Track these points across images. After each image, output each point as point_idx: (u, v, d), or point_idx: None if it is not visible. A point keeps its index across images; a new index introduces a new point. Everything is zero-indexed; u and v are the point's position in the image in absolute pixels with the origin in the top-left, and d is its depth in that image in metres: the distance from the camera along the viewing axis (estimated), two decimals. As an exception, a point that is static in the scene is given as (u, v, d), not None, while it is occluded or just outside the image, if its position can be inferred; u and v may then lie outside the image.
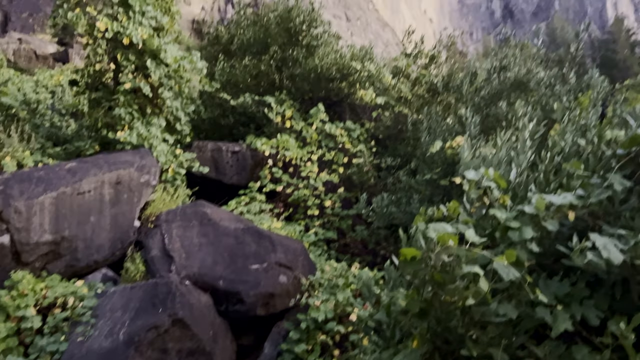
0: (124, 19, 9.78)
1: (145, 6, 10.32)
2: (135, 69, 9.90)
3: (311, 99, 14.21)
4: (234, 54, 16.06)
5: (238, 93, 13.97)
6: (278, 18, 14.83)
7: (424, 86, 12.19)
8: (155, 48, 9.83)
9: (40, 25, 56.94)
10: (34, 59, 35.30)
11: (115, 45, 9.77)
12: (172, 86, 10.37)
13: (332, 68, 13.46)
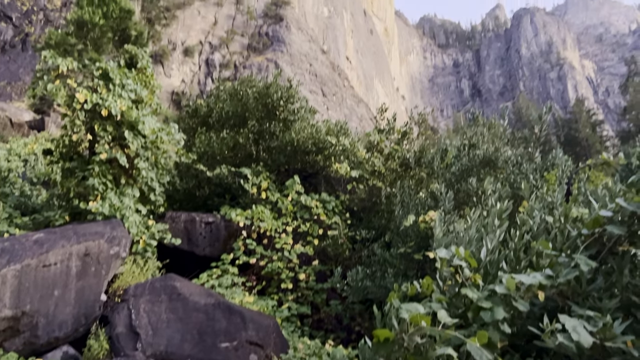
0: (103, 91, 9.95)
1: (125, 79, 10.55)
2: (112, 140, 9.94)
3: (287, 171, 14.38)
4: (212, 126, 16.33)
5: (215, 165, 14.06)
6: (256, 94, 15.30)
7: (397, 161, 12.51)
8: (134, 120, 9.95)
9: (18, 93, 57.33)
10: (9, 126, 35.18)
11: (93, 116, 9.86)
12: (148, 157, 10.40)
13: (308, 141, 13.77)
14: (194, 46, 75.81)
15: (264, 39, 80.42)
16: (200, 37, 78.07)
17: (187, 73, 73.50)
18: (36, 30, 64.81)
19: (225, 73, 73.13)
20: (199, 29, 78.92)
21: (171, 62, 72.12)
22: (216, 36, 79.06)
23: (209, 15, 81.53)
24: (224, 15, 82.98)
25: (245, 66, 73.93)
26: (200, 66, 74.96)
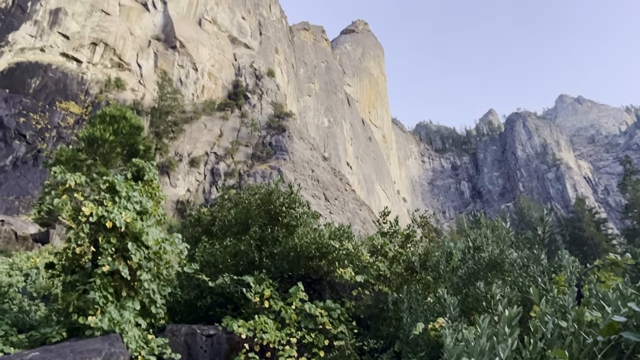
0: (109, 204, 10.13)
1: (131, 192, 10.79)
2: (115, 252, 9.92)
3: (290, 278, 14.13)
4: (215, 234, 16.37)
5: (217, 274, 13.87)
6: (259, 200, 15.52)
7: (402, 264, 12.35)
8: (138, 231, 10.01)
9: (26, 207, 58.29)
10: (14, 239, 35.36)
11: (97, 228, 9.94)
12: (151, 268, 10.30)
13: (311, 246, 13.69)
14: (199, 157, 78.45)
15: (268, 148, 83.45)
16: (206, 148, 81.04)
17: (193, 182, 75.23)
18: (48, 147, 67.55)
19: (230, 181, 74.85)
20: (205, 141, 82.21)
21: (177, 173, 74.15)
22: (221, 147, 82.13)
23: (214, 128, 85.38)
24: (229, 127, 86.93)
25: (249, 174, 75.88)
26: (205, 175, 76.96)
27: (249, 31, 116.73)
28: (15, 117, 68.09)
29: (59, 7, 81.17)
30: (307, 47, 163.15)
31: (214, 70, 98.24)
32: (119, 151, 13.73)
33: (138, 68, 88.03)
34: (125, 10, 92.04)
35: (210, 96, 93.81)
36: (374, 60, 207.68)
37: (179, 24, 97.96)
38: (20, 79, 72.84)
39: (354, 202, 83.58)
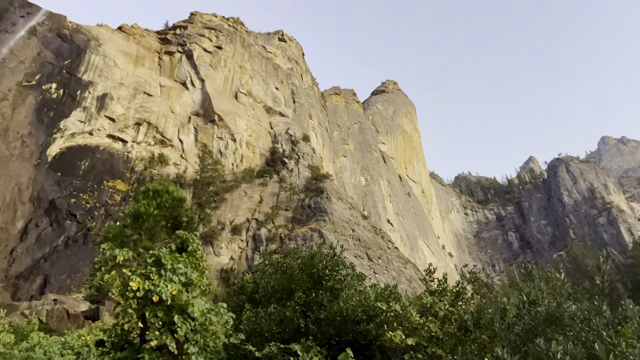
0: (155, 277, 10.28)
1: (176, 264, 10.94)
2: (163, 325, 9.94)
3: (338, 344, 13.70)
4: (259, 302, 16.21)
5: (263, 343, 13.61)
6: (301, 264, 15.39)
7: (454, 324, 11.80)
8: (184, 303, 10.05)
9: (77, 285, 59.85)
10: (66, 318, 36.07)
11: (144, 302, 10.04)
12: (197, 340, 10.23)
13: (357, 310, 13.32)
14: (241, 224, 79.48)
15: (307, 210, 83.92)
16: (247, 215, 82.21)
17: (236, 250, 75.83)
18: (97, 225, 70.12)
19: (272, 246, 75.07)
20: (246, 208, 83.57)
21: (220, 242, 75.09)
22: (262, 213, 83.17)
23: (255, 195, 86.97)
24: (268, 193, 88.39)
25: (290, 238, 76.01)
26: (247, 242, 77.56)
27: (282, 100, 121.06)
28: (67, 199, 71.50)
29: (106, 92, 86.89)
30: (339, 110, 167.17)
31: (252, 140, 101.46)
32: (163, 224, 14.08)
33: (180, 143, 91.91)
34: (166, 91, 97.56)
35: (249, 164, 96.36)
36: (406, 117, 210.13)
37: (217, 98, 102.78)
38: (71, 162, 77.13)
39: (398, 260, 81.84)
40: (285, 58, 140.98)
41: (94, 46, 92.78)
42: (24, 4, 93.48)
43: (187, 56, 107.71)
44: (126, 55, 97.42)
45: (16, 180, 69.92)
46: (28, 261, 62.98)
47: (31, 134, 75.94)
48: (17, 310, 41.15)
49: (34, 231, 66.54)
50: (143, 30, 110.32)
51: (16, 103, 77.58)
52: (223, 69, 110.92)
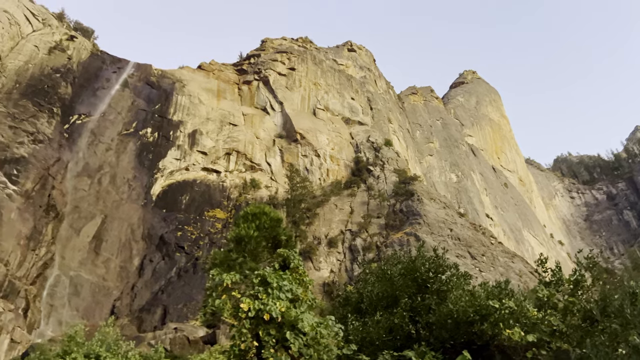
0: (264, 296, 10.64)
1: (281, 281, 11.25)
2: (276, 343, 10.23)
3: (453, 347, 13.27)
4: (365, 311, 16.20)
5: (375, 352, 13.53)
6: (402, 270, 15.20)
7: (577, 315, 10.97)
8: (293, 319, 10.29)
9: (192, 312, 63.53)
10: (187, 344, 38.42)
11: (257, 322, 10.41)
12: (311, 355, 10.40)
13: (468, 310, 12.86)
14: (336, 237, 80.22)
15: (399, 215, 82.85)
16: (341, 227, 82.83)
17: (334, 263, 76.55)
18: (203, 253, 74.21)
19: (369, 255, 74.85)
20: (339, 220, 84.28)
21: (319, 256, 76.24)
22: (354, 223, 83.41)
23: (345, 206, 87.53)
24: (358, 203, 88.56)
25: (386, 245, 75.35)
26: (344, 254, 78.02)
27: (360, 109, 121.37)
28: (174, 233, 76.55)
29: (195, 129, 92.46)
30: (418, 109, 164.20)
31: (335, 153, 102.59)
32: (264, 245, 14.59)
33: (268, 166, 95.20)
34: (249, 119, 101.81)
35: (335, 177, 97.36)
36: (490, 105, 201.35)
37: (296, 118, 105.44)
38: (173, 198, 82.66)
39: (503, 255, 77.96)
40: (357, 67, 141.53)
41: (179, 88, 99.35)
42: (114, 60, 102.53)
43: (263, 82, 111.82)
44: (209, 91, 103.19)
45: (128, 222, 76.14)
46: (147, 295, 68.00)
47: (135, 177, 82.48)
48: (144, 341, 44.55)
49: (149, 266, 71.84)
50: (220, 65, 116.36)
51: (119, 151, 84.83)
52: (299, 89, 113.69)
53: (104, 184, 79.19)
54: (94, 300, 65.48)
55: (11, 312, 56.16)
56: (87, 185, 77.87)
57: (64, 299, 63.97)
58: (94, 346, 19.60)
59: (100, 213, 74.94)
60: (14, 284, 59.83)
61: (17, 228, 64.06)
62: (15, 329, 54.78)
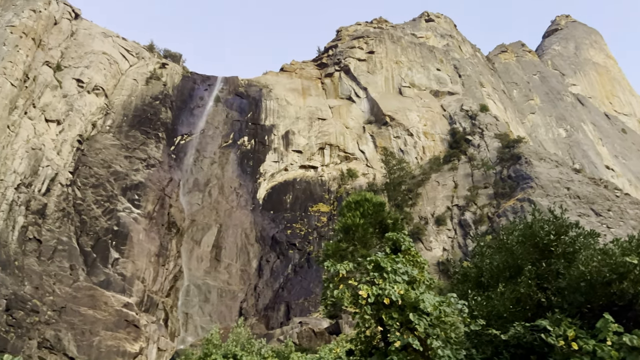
0: (380, 281, 10.64)
1: (395, 265, 11.17)
2: (401, 326, 10.20)
3: (591, 310, 12.35)
4: (486, 285, 15.61)
5: (504, 324, 12.98)
6: (520, 237, 14.41)
7: None
8: (414, 300, 10.18)
9: (313, 305, 65.62)
10: (313, 337, 39.77)
11: (378, 307, 10.45)
12: (438, 334, 10.22)
13: (603, 270, 11.88)
14: (443, 214, 78.23)
15: (508, 182, 78.72)
16: (447, 204, 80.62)
17: (446, 240, 74.78)
18: (314, 247, 76.25)
19: (481, 228, 72.06)
20: (443, 197, 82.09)
21: (428, 236, 74.91)
22: (460, 197, 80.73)
23: (447, 182, 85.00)
24: (461, 176, 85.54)
25: (498, 215, 72.04)
26: (455, 230, 75.88)
27: (447, 79, 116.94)
28: (284, 232, 79.53)
29: (287, 129, 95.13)
30: (511, 67, 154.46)
31: (428, 128, 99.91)
32: (371, 231, 14.62)
33: (362, 154, 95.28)
34: (336, 110, 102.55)
35: (433, 153, 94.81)
36: (592, 48, 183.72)
37: (383, 101, 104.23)
38: (277, 199, 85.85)
39: (633, 206, 71.04)
40: (438, 36, 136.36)
41: (266, 93, 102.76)
42: (204, 79, 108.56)
43: (344, 72, 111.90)
44: (294, 91, 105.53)
45: (241, 227, 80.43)
46: (269, 294, 71.42)
47: (241, 185, 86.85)
48: (273, 338, 46.90)
49: (267, 266, 75.36)
50: (301, 64, 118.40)
51: (222, 163, 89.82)
52: (380, 71, 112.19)
53: (214, 196, 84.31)
54: (222, 304, 70.15)
55: (154, 324, 61.97)
56: (200, 199, 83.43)
57: (196, 306, 69.28)
58: (230, 347, 20.98)
59: (215, 223, 79.98)
60: (152, 298, 65.90)
61: (146, 247, 70.42)
62: (160, 338, 60.37)
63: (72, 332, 54.00)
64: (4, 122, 67.78)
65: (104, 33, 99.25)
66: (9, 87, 69.82)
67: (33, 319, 50.72)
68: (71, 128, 78.18)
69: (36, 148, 70.98)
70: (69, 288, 59.57)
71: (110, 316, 58.02)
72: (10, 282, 53.03)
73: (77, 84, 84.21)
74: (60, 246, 64.16)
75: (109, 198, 73.62)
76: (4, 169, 65.79)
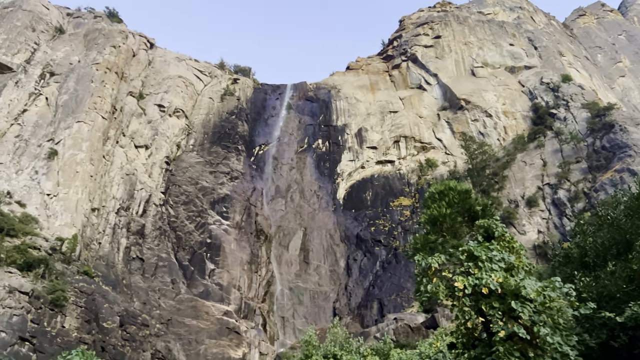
0: (475, 271, 10.28)
1: (489, 253, 10.75)
2: (503, 315, 9.79)
3: None
4: (592, 265, 14.59)
5: (618, 305, 12.05)
6: (627, 210, 13.33)
7: None
8: (514, 287, 9.73)
9: (406, 300, 64.85)
10: (410, 332, 39.27)
11: (476, 298, 10.10)
12: (545, 321, 9.69)
13: None
14: (534, 195, 74.23)
15: (603, 153, 73.12)
16: (537, 184, 76.39)
17: (540, 222, 70.87)
18: (400, 242, 75.35)
19: (578, 205, 67.51)
20: (532, 177, 77.88)
21: (520, 219, 71.38)
22: (551, 175, 76.16)
23: (535, 160, 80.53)
24: (549, 153, 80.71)
25: (595, 189, 67.14)
26: (549, 210, 71.69)
27: (522, 53, 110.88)
28: (367, 229, 79.38)
29: (359, 127, 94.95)
30: (592, 30, 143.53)
31: (507, 107, 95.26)
32: (460, 220, 14.17)
33: (439, 142, 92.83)
34: (407, 101, 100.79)
35: (515, 132, 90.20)
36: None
37: (455, 85, 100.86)
38: (357, 197, 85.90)
39: None
40: (507, 10, 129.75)
41: (334, 94, 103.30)
42: (274, 88, 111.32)
43: (412, 61, 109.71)
44: (362, 88, 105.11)
45: (325, 228, 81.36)
46: (360, 292, 71.56)
47: (320, 187, 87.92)
48: (369, 336, 46.88)
49: (355, 265, 75.58)
50: (366, 59, 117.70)
51: (300, 167, 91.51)
52: (449, 54, 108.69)
53: (296, 200, 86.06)
54: (315, 306, 71.32)
55: (253, 329, 64.33)
56: (283, 205, 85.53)
57: (290, 309, 71.01)
58: (328, 347, 21.26)
59: (300, 227, 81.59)
60: (249, 305, 68.45)
61: (238, 256, 73.33)
62: (261, 343, 62.54)
63: (180, 343, 57.41)
64: (99, 153, 73.66)
65: (178, 57, 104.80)
66: (100, 120, 75.79)
67: (144, 332, 54.47)
68: (158, 151, 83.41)
69: (130, 173, 76.40)
70: (173, 301, 63.42)
71: (212, 325, 61.02)
72: (121, 299, 57.37)
73: (159, 109, 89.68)
74: (161, 262, 68.54)
75: (199, 213, 77.56)
76: (104, 196, 71.51)
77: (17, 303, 47.54)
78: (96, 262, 62.56)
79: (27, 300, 48.45)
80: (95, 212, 68.48)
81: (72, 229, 61.78)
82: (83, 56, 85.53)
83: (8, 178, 64.56)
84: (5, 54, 78.80)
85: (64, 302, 49.92)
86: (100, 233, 67.16)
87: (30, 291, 49.12)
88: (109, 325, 51.65)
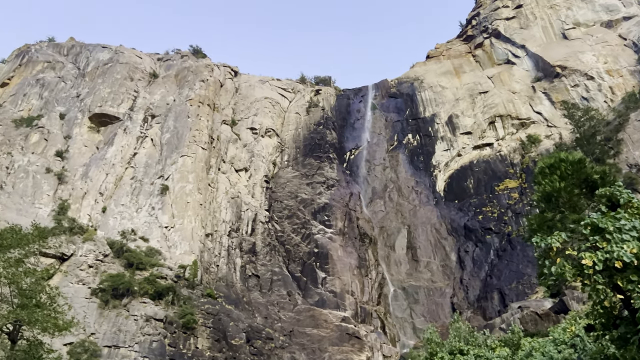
0: (604, 244, 9.41)
1: (617, 222, 9.79)
2: (645, 289, 8.84)
3: None
4: None
5: None
6: None
7: None
8: (654, 257, 8.75)
9: (528, 287, 61.17)
10: (538, 319, 36.92)
11: (610, 273, 9.23)
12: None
13: None
14: (658, 155, 66.81)
15: None
16: (659, 142, 68.70)
17: (670, 184, 63.53)
18: (512, 227, 71.40)
19: None
20: (652, 136, 70.18)
21: (645, 184, 64.54)
22: (675, 130, 68.10)
23: (653, 117, 72.49)
24: (668, 105, 72.28)
25: None
26: (679, 169, 64.05)
27: (618, 3, 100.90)
28: (474, 218, 76.25)
29: (449, 114, 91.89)
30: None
31: (610, 65, 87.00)
32: (577, 192, 13.09)
33: (539, 115, 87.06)
34: (496, 78, 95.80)
35: (624, 91, 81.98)
36: None
37: (547, 52, 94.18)
38: (458, 187, 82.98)
39: None
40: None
41: (418, 86, 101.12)
42: (356, 91, 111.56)
43: (495, 37, 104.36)
44: (446, 74, 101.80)
45: (429, 223, 79.50)
46: (477, 284, 68.76)
47: (417, 183, 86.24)
48: (495, 327, 44.76)
49: (467, 257, 72.86)
50: (446, 45, 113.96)
51: (394, 165, 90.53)
52: (535, 22, 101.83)
53: (395, 199, 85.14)
54: (432, 303, 69.69)
55: (373, 333, 64.33)
56: (382, 205, 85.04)
57: (407, 309, 70.08)
58: (453, 343, 20.59)
59: (403, 225, 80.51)
60: (365, 309, 68.61)
61: (346, 262, 73.98)
62: (382, 345, 62.32)
63: (304, 352, 58.95)
64: (205, 181, 78.52)
65: (261, 80, 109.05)
66: (201, 151, 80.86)
67: (270, 345, 56.70)
68: (257, 172, 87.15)
69: (235, 197, 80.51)
70: (292, 313, 65.41)
71: (332, 332, 61.95)
72: (245, 316, 60.30)
73: (252, 132, 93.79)
74: (275, 277, 71.12)
75: (303, 224, 79.57)
76: (215, 221, 75.98)
77: (154, 330, 51.88)
78: (217, 284, 66.47)
79: (162, 326, 52.67)
80: (209, 237, 72.93)
81: (192, 255, 66.28)
82: (177, 95, 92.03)
83: (130, 217, 70.93)
84: (111, 105, 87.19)
85: (194, 325, 53.58)
86: (217, 256, 71.34)
87: (164, 317, 53.36)
88: (236, 342, 54.49)
